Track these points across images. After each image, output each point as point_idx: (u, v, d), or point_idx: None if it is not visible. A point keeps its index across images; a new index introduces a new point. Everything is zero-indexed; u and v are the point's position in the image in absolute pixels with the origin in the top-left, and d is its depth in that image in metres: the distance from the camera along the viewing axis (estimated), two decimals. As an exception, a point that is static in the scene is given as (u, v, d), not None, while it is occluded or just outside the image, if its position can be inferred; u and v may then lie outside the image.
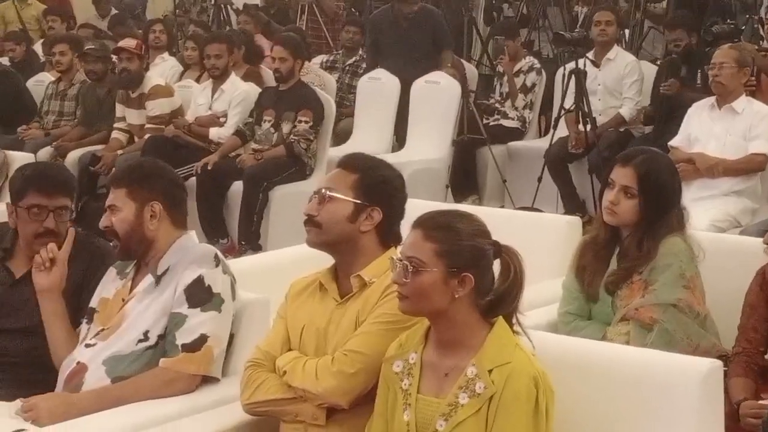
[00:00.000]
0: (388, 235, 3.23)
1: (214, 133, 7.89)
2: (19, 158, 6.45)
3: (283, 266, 4.59)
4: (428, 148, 8.36)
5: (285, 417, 3.17)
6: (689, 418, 2.88)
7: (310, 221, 3.21)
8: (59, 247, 3.72)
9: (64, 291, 3.68)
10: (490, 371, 2.75)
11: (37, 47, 11.25)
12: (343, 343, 3.09)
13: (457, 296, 2.79)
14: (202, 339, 3.42)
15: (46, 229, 3.79)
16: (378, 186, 3.21)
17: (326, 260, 3.47)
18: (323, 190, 3.20)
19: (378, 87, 8.98)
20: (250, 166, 7.41)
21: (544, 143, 8.25)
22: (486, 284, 2.83)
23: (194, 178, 7.42)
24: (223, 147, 7.67)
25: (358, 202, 3.17)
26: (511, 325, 2.86)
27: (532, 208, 7.40)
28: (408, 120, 8.63)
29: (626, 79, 8.05)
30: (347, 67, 9.75)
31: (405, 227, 3.21)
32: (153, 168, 3.69)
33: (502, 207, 7.66)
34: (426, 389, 2.84)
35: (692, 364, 2.99)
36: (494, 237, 2.89)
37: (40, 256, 3.68)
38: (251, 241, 7.34)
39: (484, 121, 8.53)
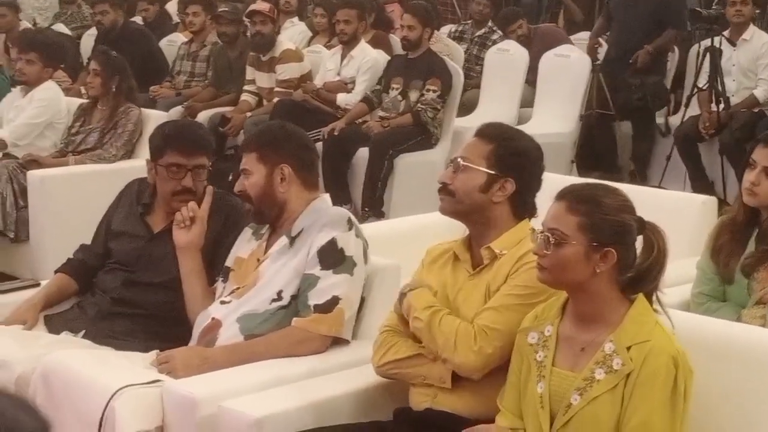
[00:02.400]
0: (522, 207, 3.20)
1: (341, 98, 7.93)
2: (154, 116, 6.56)
3: (409, 233, 4.60)
4: (555, 122, 8.28)
5: (414, 380, 3.19)
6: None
7: (444, 189, 3.20)
8: (198, 205, 3.78)
9: (202, 248, 3.75)
10: (628, 348, 2.71)
11: (170, 7, 11.43)
12: (472, 315, 3.08)
13: (598, 271, 2.75)
14: (334, 300, 3.45)
15: (183, 187, 3.86)
16: (512, 157, 3.18)
17: (454, 229, 3.48)
18: (458, 159, 3.19)
19: (506, 59, 8.93)
20: (376, 133, 7.43)
21: (675, 121, 8.11)
22: (628, 260, 2.78)
23: (321, 143, 7.47)
24: (351, 113, 7.70)
25: (492, 172, 3.15)
26: (651, 302, 2.82)
27: (659, 187, 7.28)
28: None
29: (762, 59, 7.85)
30: (476, 39, 9.71)
31: (540, 199, 3.20)
32: (281, 131, 3.72)
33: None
34: (561, 362, 2.82)
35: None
36: (631, 214, 2.85)
37: (181, 214, 3.75)
38: (375, 207, 7.37)
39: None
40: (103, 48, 7.10)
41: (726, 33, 7.84)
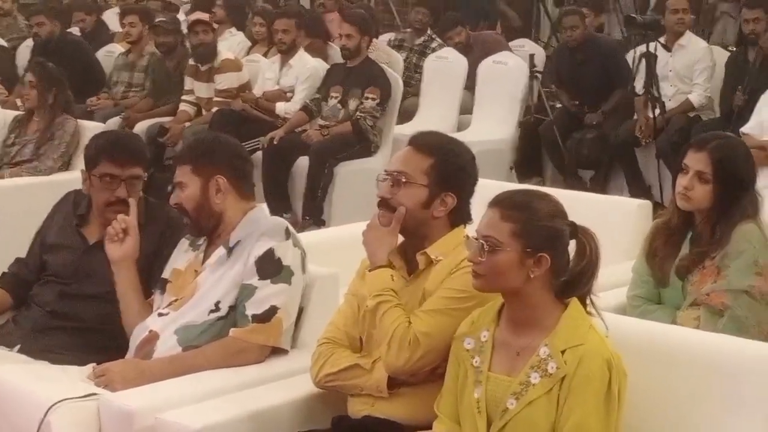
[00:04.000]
0: (459, 216, 3.21)
1: (281, 107, 7.93)
2: (91, 128, 6.50)
3: (348, 242, 4.58)
4: (494, 129, 8.34)
5: (352, 391, 3.20)
6: (761, 404, 2.85)
7: (385, 204, 3.18)
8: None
9: (138, 260, 3.72)
10: (563, 352, 2.74)
11: (106, 17, 11.34)
12: None
13: (532, 276, 2.78)
14: (272, 310, 3.45)
15: (117, 198, 3.83)
16: (454, 173, 3.17)
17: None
18: (398, 175, 3.17)
19: (445, 66, 8.97)
20: (316, 142, 7.43)
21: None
22: (562, 265, 2.82)
23: (260, 152, 7.46)
24: (290, 122, 7.70)
25: (434, 188, 3.14)
26: (585, 306, 2.85)
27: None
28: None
29: (697, 65, 7.93)
30: (415, 47, 9.74)
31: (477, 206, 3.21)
32: (215, 142, 3.71)
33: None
34: (497, 367, 2.84)
35: (763, 350, 2.97)
36: (566, 219, 2.88)
37: (113, 227, 3.72)
38: (315, 216, 7.37)
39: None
40: (39, 60, 7.07)
41: (662, 39, 7.92)
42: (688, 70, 7.96)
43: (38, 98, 6.41)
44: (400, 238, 3.26)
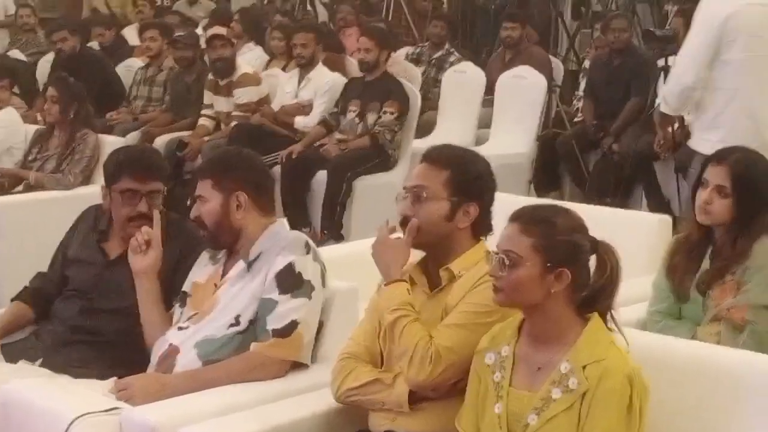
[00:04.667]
0: (482, 227, 3.22)
1: (299, 121, 7.94)
2: (110, 142, 6.54)
3: (367, 256, 4.56)
4: (512, 143, 8.33)
5: (373, 406, 3.20)
6: (781, 420, 2.85)
7: (406, 222, 3.18)
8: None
9: (159, 272, 3.74)
10: (584, 367, 2.74)
11: (126, 32, 11.41)
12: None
13: (553, 291, 2.79)
14: (293, 325, 3.45)
15: (139, 212, 3.85)
16: (472, 181, 3.18)
17: (412, 251, 3.47)
18: (418, 190, 3.16)
19: (463, 80, 8.97)
20: (334, 156, 7.44)
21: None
22: (582, 280, 2.82)
23: (279, 167, 7.47)
24: (308, 136, 7.71)
25: (454, 199, 3.15)
26: (605, 321, 2.85)
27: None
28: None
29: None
30: (433, 61, 9.74)
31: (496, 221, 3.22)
32: (237, 157, 3.72)
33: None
34: (518, 383, 2.84)
35: (786, 366, 2.96)
36: (585, 233, 2.88)
37: (136, 239, 3.74)
38: (334, 230, 7.37)
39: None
40: (60, 74, 7.10)
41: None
42: (707, 84, 7.92)
43: (60, 113, 6.44)
44: (420, 253, 3.26)
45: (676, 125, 7.43)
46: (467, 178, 3.17)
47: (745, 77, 5.33)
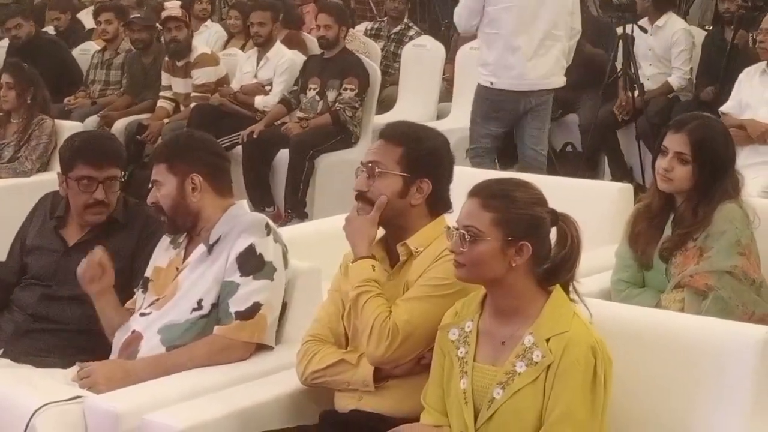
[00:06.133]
0: (438, 203, 3.21)
1: (259, 101, 7.89)
2: (68, 127, 6.49)
3: (330, 235, 4.57)
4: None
5: (338, 387, 3.19)
6: (744, 385, 2.86)
7: (362, 197, 3.18)
8: (106, 216, 3.78)
9: (118, 260, 3.69)
10: (547, 340, 2.74)
11: (82, 15, 11.28)
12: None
13: (514, 265, 2.78)
14: (256, 307, 3.43)
15: (95, 200, 3.83)
16: (424, 158, 3.17)
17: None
18: (372, 165, 3.17)
19: (423, 54, 8.94)
20: (295, 135, 7.40)
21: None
22: (543, 253, 2.81)
23: (240, 147, 7.44)
24: (269, 115, 7.67)
25: (407, 175, 3.14)
26: (567, 293, 2.85)
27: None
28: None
29: (674, 48, 7.90)
30: (392, 36, 9.70)
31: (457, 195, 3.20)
32: (190, 140, 3.70)
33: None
34: (482, 357, 2.84)
35: (748, 331, 2.96)
36: (546, 205, 2.87)
37: (90, 270, 3.63)
38: (297, 209, 7.35)
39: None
40: (14, 60, 7.03)
41: (642, 21, 7.90)
42: (666, 51, 7.95)
43: (16, 99, 6.40)
44: (382, 231, 3.25)
45: (636, 92, 7.48)
46: (420, 154, 3.16)
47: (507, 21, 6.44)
